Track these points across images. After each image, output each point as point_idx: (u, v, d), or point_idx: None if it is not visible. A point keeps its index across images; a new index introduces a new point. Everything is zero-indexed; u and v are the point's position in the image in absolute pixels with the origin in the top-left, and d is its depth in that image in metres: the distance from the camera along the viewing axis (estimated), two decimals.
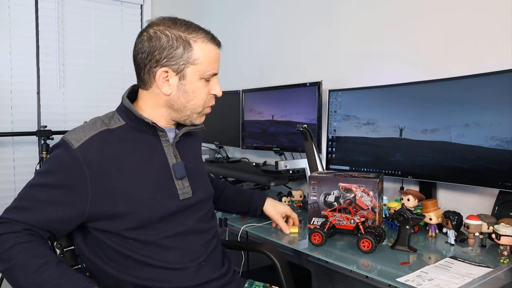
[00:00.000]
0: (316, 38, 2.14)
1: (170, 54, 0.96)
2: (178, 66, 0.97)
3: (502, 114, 1.27)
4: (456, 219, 1.29)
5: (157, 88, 1.00)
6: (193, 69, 0.98)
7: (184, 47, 0.96)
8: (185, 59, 0.97)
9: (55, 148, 0.95)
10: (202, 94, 1.02)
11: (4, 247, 0.86)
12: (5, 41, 2.37)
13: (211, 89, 1.03)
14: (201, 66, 0.99)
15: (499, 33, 1.41)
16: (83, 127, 0.98)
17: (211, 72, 1.01)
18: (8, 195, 2.39)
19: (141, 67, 1.00)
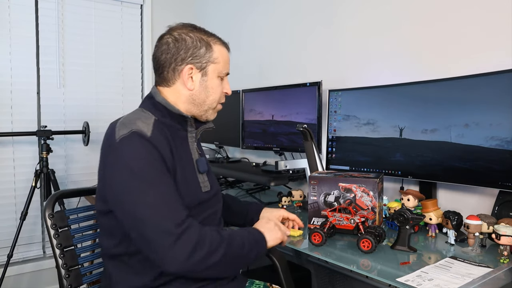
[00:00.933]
0: (316, 38, 2.14)
1: (195, 53, 1.08)
2: (201, 64, 1.09)
3: (502, 114, 1.27)
4: (456, 219, 1.29)
5: (181, 84, 1.10)
6: (213, 68, 1.11)
7: (206, 47, 1.09)
8: (207, 58, 1.10)
9: (130, 143, 0.96)
10: (218, 91, 1.14)
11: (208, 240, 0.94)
12: (5, 41, 2.37)
13: (223, 88, 1.16)
14: (219, 65, 1.12)
15: (499, 33, 1.41)
16: (138, 119, 1.02)
17: (225, 71, 1.16)
18: (8, 195, 2.41)
19: (165, 66, 1.09)
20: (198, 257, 0.90)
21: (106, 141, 1.01)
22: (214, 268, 0.93)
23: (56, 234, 1.14)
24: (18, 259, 2.44)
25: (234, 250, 0.97)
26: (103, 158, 1.01)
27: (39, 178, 2.25)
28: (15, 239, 2.18)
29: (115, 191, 0.95)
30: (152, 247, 0.90)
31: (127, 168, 0.93)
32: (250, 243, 1.02)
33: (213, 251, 0.93)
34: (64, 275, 1.12)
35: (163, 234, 0.89)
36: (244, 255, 1.00)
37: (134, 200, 0.91)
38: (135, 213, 0.91)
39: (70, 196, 1.32)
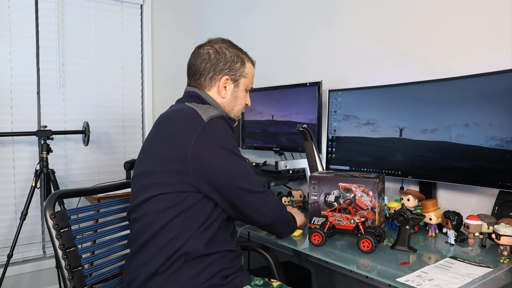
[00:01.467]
0: (316, 38, 2.14)
1: (232, 66, 1.25)
2: (235, 76, 1.26)
3: (502, 114, 1.27)
4: (456, 219, 1.29)
5: (216, 92, 1.25)
6: (244, 81, 1.28)
7: (241, 63, 1.27)
8: (240, 72, 1.26)
9: (222, 124, 1.10)
10: (243, 102, 1.31)
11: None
12: (5, 41, 2.37)
13: (246, 101, 1.33)
14: (248, 80, 1.30)
15: (499, 33, 1.41)
16: (214, 109, 1.15)
17: (251, 85, 1.33)
18: (8, 195, 2.41)
19: (204, 73, 1.24)
20: (279, 208, 1.19)
21: (190, 122, 1.09)
22: (283, 222, 1.23)
23: (58, 235, 1.13)
24: (18, 259, 2.44)
25: (288, 214, 1.27)
26: (189, 138, 1.06)
27: (39, 178, 2.25)
28: (15, 239, 2.18)
29: (214, 166, 1.07)
30: (252, 205, 1.12)
31: (224, 142, 1.08)
32: (294, 217, 1.30)
33: (283, 209, 1.23)
34: (68, 276, 1.11)
35: (259, 192, 1.12)
36: (292, 222, 1.28)
37: (233, 168, 1.09)
38: (237, 182, 1.09)
39: (71, 196, 1.31)
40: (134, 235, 1.14)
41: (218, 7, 2.91)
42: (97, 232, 1.31)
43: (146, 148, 1.17)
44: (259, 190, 1.13)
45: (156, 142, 1.13)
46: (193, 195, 1.07)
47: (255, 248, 1.44)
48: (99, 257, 1.26)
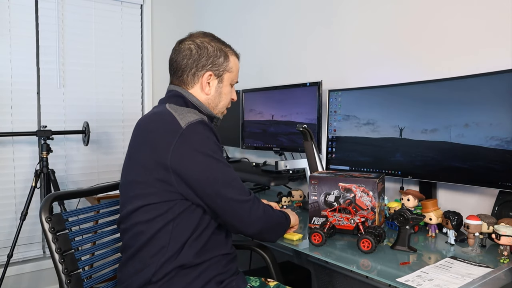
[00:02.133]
0: (316, 38, 2.14)
1: (215, 61, 1.20)
2: (219, 71, 1.21)
3: (502, 114, 1.27)
4: (456, 219, 1.29)
5: (199, 88, 1.20)
6: (228, 76, 1.24)
7: (224, 57, 1.21)
8: (224, 66, 1.21)
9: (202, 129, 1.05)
10: (228, 97, 1.27)
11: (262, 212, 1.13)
12: (5, 41, 2.37)
13: (232, 96, 1.29)
14: (233, 74, 1.25)
15: (499, 33, 1.41)
16: (195, 115, 1.09)
17: (236, 80, 1.29)
18: (8, 195, 2.41)
19: (186, 70, 1.19)
20: (267, 216, 1.12)
21: (168, 129, 1.05)
22: (272, 229, 1.16)
23: (55, 238, 1.10)
24: (18, 259, 2.44)
25: (278, 217, 1.20)
26: (167, 147, 1.02)
27: (39, 178, 2.25)
28: (15, 239, 2.18)
29: (194, 171, 1.03)
30: (235, 214, 1.06)
31: (203, 149, 1.04)
32: (286, 217, 1.25)
33: (271, 214, 1.15)
34: (65, 280, 1.09)
35: (243, 201, 1.06)
36: (283, 223, 1.22)
37: (215, 175, 1.04)
38: (219, 188, 1.04)
39: (66, 198, 1.29)
40: (125, 245, 1.13)
41: (218, 7, 2.91)
42: (97, 233, 1.30)
43: (129, 153, 1.15)
44: (243, 198, 1.07)
45: (138, 149, 1.10)
46: (180, 202, 1.04)
47: (252, 247, 1.44)
48: (99, 258, 1.26)
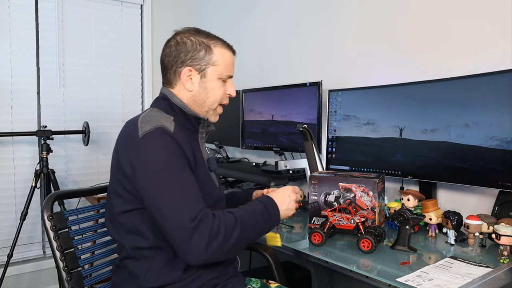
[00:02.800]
0: (316, 38, 2.13)
1: (194, 56, 1.12)
2: (200, 66, 1.12)
3: (502, 114, 1.27)
4: (456, 219, 1.29)
5: (182, 86, 1.14)
6: (213, 70, 1.13)
7: (206, 50, 1.12)
8: (206, 60, 1.12)
9: (155, 137, 1.00)
10: (219, 92, 1.16)
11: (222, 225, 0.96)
12: (5, 41, 2.37)
13: (227, 90, 1.18)
14: (219, 68, 1.14)
15: (499, 33, 1.41)
16: (159, 117, 1.06)
17: (227, 74, 1.16)
18: (8, 195, 2.41)
19: (168, 68, 1.15)
20: (215, 246, 0.93)
21: (127, 138, 1.04)
22: (231, 251, 0.98)
23: (56, 236, 1.12)
24: (18, 259, 2.44)
25: (247, 230, 1.00)
26: (126, 155, 1.01)
27: (39, 178, 2.25)
28: (15, 239, 2.18)
29: (142, 186, 0.98)
30: (173, 241, 0.95)
31: (151, 163, 0.97)
32: (265, 219, 1.05)
33: (228, 237, 0.95)
34: (66, 277, 1.10)
35: (180, 229, 0.92)
36: (258, 231, 1.05)
37: (156, 195, 0.96)
38: (159, 209, 0.96)
39: (68, 197, 1.30)
40: (116, 250, 1.16)
41: (218, 7, 2.91)
42: (97, 233, 1.30)
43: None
44: (181, 225, 0.92)
45: (113, 157, 1.11)
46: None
47: (254, 248, 1.42)
48: (99, 257, 1.26)
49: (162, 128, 1.00)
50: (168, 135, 1.00)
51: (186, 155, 1.01)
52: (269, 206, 1.08)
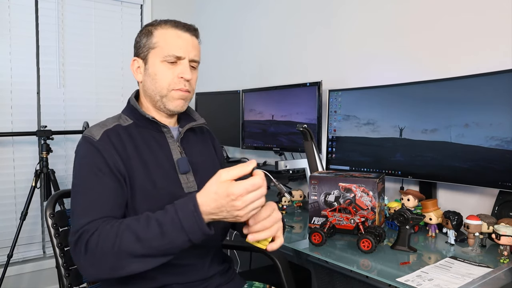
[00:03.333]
0: (316, 38, 2.14)
1: (138, 45, 1.10)
2: (143, 54, 1.08)
3: (502, 114, 1.27)
4: (456, 219, 1.29)
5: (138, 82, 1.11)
6: (153, 53, 1.06)
7: (147, 36, 1.08)
8: (147, 46, 1.07)
9: (79, 146, 1.01)
10: (165, 76, 1.05)
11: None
12: (5, 41, 2.37)
13: (176, 72, 1.05)
14: (159, 49, 1.05)
15: (499, 33, 1.41)
16: (97, 125, 1.05)
17: (171, 53, 1.04)
18: (8, 195, 2.40)
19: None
20: (88, 264, 0.84)
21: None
22: (115, 268, 0.82)
23: (56, 234, 1.15)
24: (18, 259, 2.44)
25: (133, 246, 0.80)
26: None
27: (39, 178, 2.25)
28: (15, 239, 2.18)
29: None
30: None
31: (73, 172, 0.99)
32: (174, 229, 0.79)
33: (100, 256, 0.82)
34: (64, 274, 1.12)
35: (70, 240, 0.89)
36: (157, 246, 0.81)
37: (71, 198, 0.96)
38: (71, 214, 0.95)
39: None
40: None
41: (218, 7, 2.91)
42: None
43: None
44: (69, 238, 0.88)
45: None
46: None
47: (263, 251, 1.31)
48: None
49: (86, 137, 0.99)
50: (88, 143, 0.98)
51: (107, 162, 0.95)
52: (182, 212, 0.80)
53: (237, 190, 0.76)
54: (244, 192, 0.77)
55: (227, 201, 0.77)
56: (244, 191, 0.77)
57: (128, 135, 1.03)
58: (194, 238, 0.80)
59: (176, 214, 0.80)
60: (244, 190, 0.77)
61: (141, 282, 0.98)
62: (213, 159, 1.21)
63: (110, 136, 1.00)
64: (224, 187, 0.77)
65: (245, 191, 0.77)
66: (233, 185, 0.76)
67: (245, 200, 0.77)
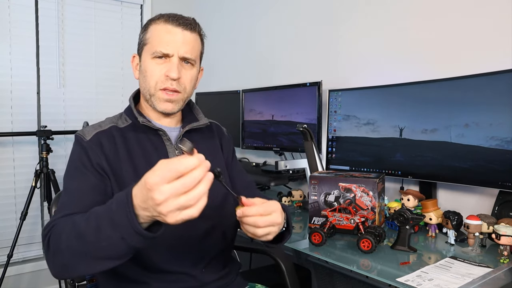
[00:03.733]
0: (316, 38, 2.13)
1: (139, 41, 1.05)
2: (140, 50, 1.04)
3: (502, 114, 1.27)
4: (456, 219, 1.29)
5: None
6: (146, 49, 1.01)
7: (144, 31, 1.03)
8: (143, 41, 1.03)
9: (73, 145, 1.00)
10: (153, 73, 0.99)
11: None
12: (5, 41, 2.37)
13: (166, 71, 0.99)
14: (150, 45, 1.00)
15: (499, 33, 1.41)
16: (93, 125, 1.03)
17: (160, 50, 0.98)
18: (8, 195, 2.40)
19: None
20: (50, 260, 0.80)
21: None
22: (72, 267, 0.76)
23: None
24: (18, 259, 2.44)
25: (67, 244, 0.75)
26: None
27: (39, 178, 2.25)
28: (15, 239, 2.18)
29: None
30: None
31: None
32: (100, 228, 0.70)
33: (56, 250, 0.78)
34: None
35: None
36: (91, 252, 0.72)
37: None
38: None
39: None
40: None
41: (218, 7, 2.91)
42: None
43: None
44: (44, 228, 0.85)
45: None
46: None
47: (264, 251, 1.29)
48: None
49: (77, 136, 0.99)
50: (78, 143, 0.97)
51: (90, 160, 0.93)
52: (116, 203, 0.69)
53: (152, 178, 0.59)
54: (160, 180, 0.59)
55: (146, 192, 0.61)
56: (160, 180, 0.59)
57: (123, 137, 1.00)
58: (128, 237, 0.67)
59: (112, 205, 0.70)
60: (160, 179, 0.59)
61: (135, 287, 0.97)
62: (218, 160, 1.13)
63: (101, 138, 0.98)
64: (147, 174, 0.62)
65: (162, 180, 0.59)
66: (150, 172, 0.61)
67: (163, 191, 0.59)
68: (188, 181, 0.59)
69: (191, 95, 1.08)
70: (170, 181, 0.59)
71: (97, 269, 0.74)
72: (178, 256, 0.98)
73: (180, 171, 0.59)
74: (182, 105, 1.05)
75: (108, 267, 0.73)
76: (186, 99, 1.06)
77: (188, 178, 0.59)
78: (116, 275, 0.98)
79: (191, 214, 0.60)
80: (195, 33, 1.04)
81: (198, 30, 1.05)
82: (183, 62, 1.01)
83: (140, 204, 0.64)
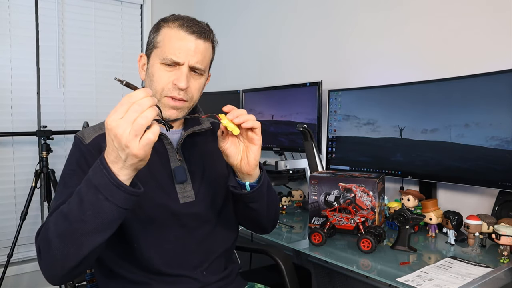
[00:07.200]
0: (316, 38, 2.13)
1: (148, 40, 1.01)
2: (148, 51, 1.00)
3: (502, 114, 1.27)
4: (456, 219, 1.29)
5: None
6: (155, 52, 0.97)
7: (155, 31, 0.99)
8: (153, 42, 0.98)
9: (72, 148, 0.98)
10: (160, 80, 0.96)
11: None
12: (5, 41, 2.37)
13: (172, 78, 0.96)
14: (161, 50, 0.96)
15: (499, 33, 1.41)
16: (94, 127, 1.01)
17: (170, 57, 0.94)
18: (8, 195, 2.40)
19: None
20: (42, 260, 0.83)
21: None
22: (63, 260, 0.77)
23: None
24: (18, 259, 2.44)
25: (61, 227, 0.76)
26: None
27: (39, 178, 2.25)
28: (15, 239, 2.18)
29: None
30: None
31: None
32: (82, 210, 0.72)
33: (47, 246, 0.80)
34: None
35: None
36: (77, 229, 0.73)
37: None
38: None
39: None
40: None
41: (218, 7, 2.91)
42: None
43: None
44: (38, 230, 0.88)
45: None
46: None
47: (264, 251, 1.29)
48: None
49: (76, 138, 0.97)
50: (77, 145, 0.96)
51: (87, 163, 0.90)
52: (92, 170, 0.73)
53: (109, 117, 0.71)
54: (116, 115, 0.70)
55: (108, 134, 0.70)
56: (115, 115, 0.70)
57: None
58: (110, 195, 0.70)
59: (88, 175, 0.73)
60: (116, 114, 0.70)
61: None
62: (221, 162, 1.03)
63: (101, 142, 0.94)
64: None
65: (117, 114, 0.70)
66: (108, 116, 0.70)
67: (120, 123, 0.69)
68: (137, 107, 0.69)
69: (196, 101, 1.05)
70: (116, 110, 0.69)
71: (87, 247, 0.74)
72: (179, 259, 0.98)
73: (131, 101, 0.69)
74: (187, 112, 1.03)
75: (97, 242, 0.74)
76: (191, 107, 1.04)
77: (137, 105, 0.69)
78: (117, 277, 0.97)
79: (149, 137, 0.69)
80: (208, 42, 1.00)
81: (211, 38, 1.02)
82: (192, 71, 0.98)
83: (111, 158, 0.70)
